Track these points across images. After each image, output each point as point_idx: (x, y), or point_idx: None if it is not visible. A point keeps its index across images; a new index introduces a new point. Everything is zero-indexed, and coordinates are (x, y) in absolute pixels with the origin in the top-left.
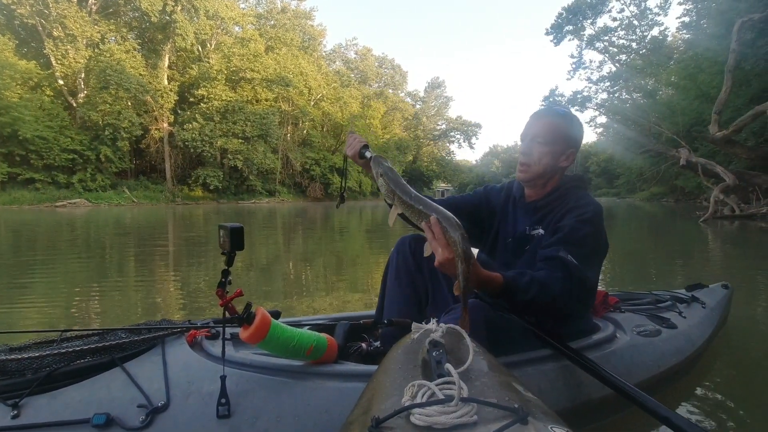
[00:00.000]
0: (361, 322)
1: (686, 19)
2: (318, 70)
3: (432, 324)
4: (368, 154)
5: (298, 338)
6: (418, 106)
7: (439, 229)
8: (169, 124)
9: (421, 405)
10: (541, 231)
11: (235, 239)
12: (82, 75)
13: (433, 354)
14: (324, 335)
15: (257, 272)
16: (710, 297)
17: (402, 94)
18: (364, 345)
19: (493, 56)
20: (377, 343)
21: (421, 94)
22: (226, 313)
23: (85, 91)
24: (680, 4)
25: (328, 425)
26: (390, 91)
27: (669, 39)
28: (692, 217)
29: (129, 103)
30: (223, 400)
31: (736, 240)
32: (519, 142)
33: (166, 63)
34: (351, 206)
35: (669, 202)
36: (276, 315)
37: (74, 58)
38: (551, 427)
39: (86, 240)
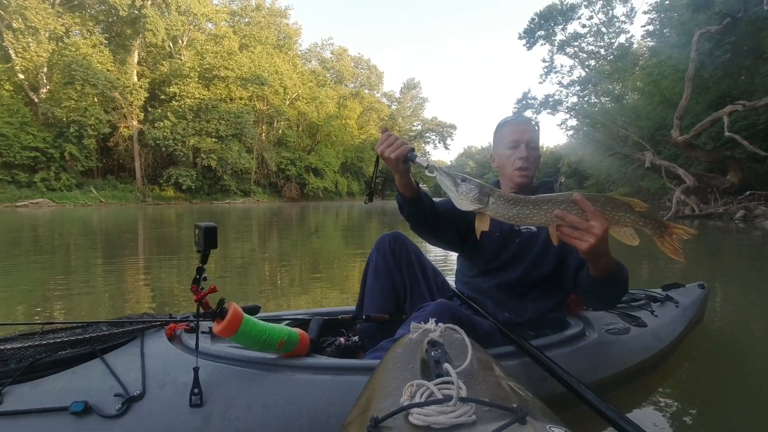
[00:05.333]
0: (339, 317)
1: (650, 27)
2: (293, 69)
3: (431, 323)
4: (422, 162)
5: (269, 332)
6: (393, 107)
7: (589, 203)
8: (139, 121)
9: (419, 405)
10: (532, 228)
11: (209, 238)
12: (45, 69)
13: (432, 353)
14: (297, 330)
15: (235, 271)
16: (685, 296)
17: (378, 95)
18: (342, 339)
19: (468, 59)
20: (356, 338)
21: (397, 94)
22: (200, 308)
23: (48, 87)
24: (645, 13)
25: (297, 415)
26: (366, 91)
27: (635, 46)
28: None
29: (96, 100)
30: (195, 390)
31: (697, 239)
32: (492, 144)
33: (136, 59)
34: (327, 206)
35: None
36: (255, 310)
37: (36, 52)
38: (549, 427)
39: (51, 240)
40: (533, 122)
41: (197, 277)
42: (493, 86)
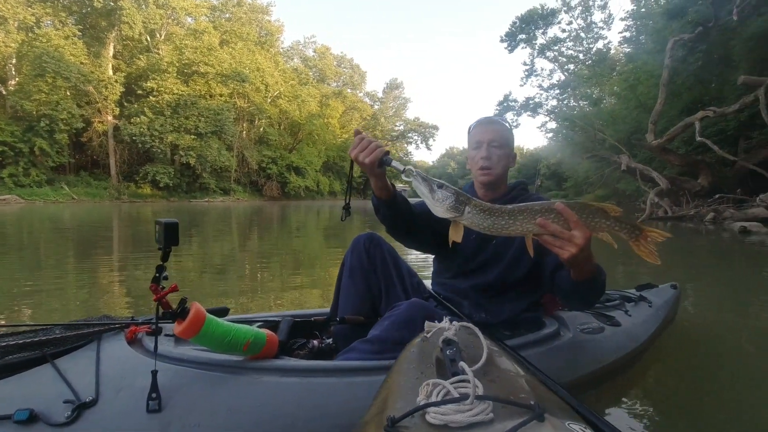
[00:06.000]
0: (313, 319)
1: (627, 34)
2: (275, 66)
3: (445, 322)
4: (398, 166)
5: (234, 333)
6: (376, 107)
7: (572, 213)
8: (115, 117)
9: (436, 404)
10: None
11: (170, 234)
12: (14, 60)
13: (447, 352)
14: (264, 331)
15: (211, 271)
16: (658, 296)
17: (361, 94)
18: (315, 342)
19: (451, 60)
20: (329, 340)
21: (380, 94)
22: (160, 308)
23: (17, 78)
24: (622, 20)
25: (263, 419)
26: (348, 90)
27: (612, 52)
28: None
29: (68, 93)
30: (153, 395)
31: (670, 240)
32: (468, 147)
33: (111, 52)
34: (308, 206)
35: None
36: (224, 312)
37: (4, 42)
38: (568, 424)
39: (19, 237)
40: (504, 122)
41: (157, 275)
42: (480, 87)
